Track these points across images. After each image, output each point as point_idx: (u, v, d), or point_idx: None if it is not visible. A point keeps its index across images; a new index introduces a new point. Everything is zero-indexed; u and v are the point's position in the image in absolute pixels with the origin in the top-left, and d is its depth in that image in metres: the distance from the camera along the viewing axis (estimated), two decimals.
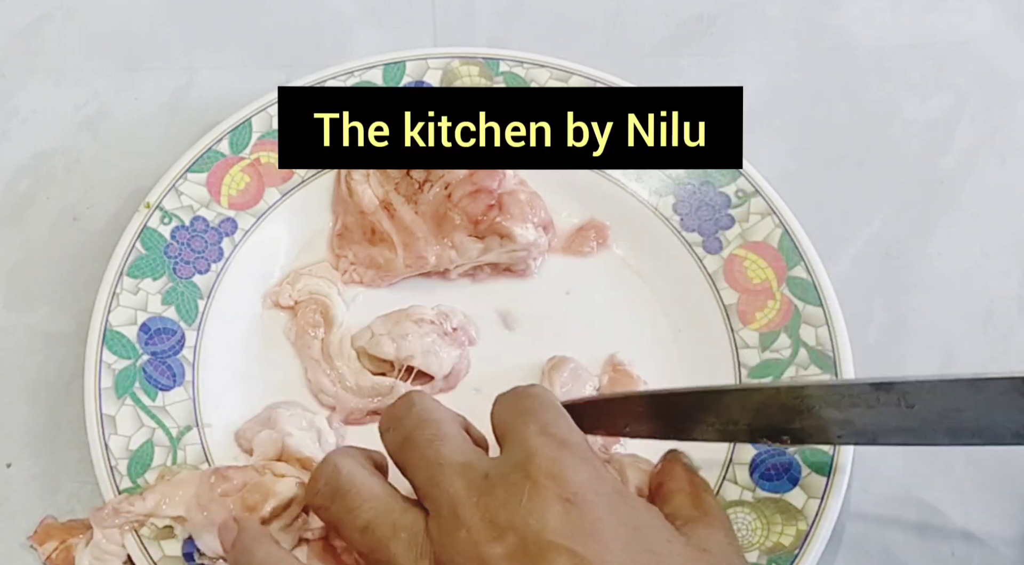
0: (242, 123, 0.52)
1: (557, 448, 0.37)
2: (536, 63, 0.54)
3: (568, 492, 0.36)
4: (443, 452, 0.38)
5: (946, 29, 0.61)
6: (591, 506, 0.36)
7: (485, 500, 0.36)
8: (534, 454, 0.37)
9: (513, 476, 0.37)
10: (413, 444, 0.39)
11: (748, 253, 0.50)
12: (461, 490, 0.37)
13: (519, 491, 0.36)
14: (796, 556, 0.43)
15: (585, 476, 0.37)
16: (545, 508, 0.35)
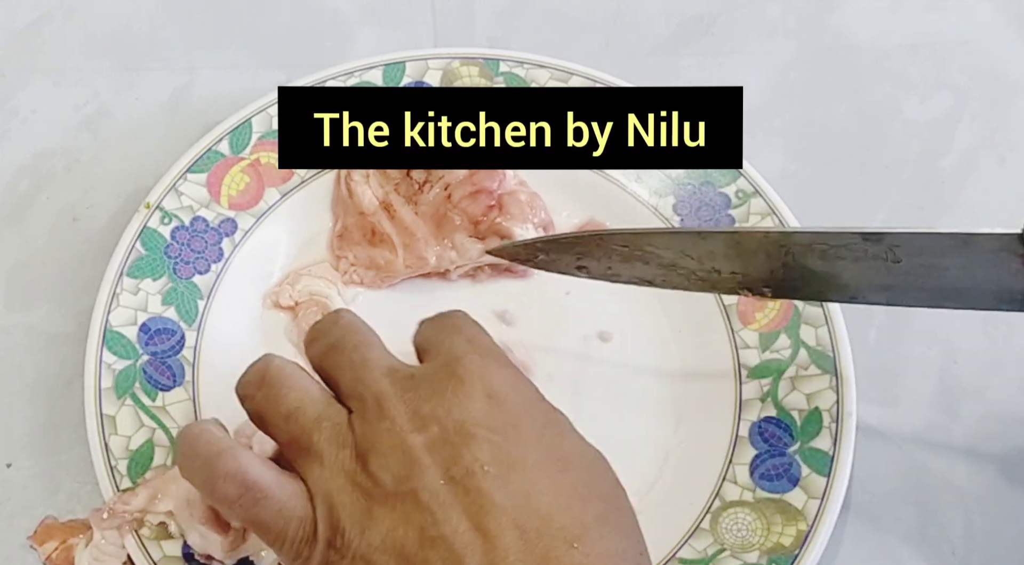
0: (242, 123, 0.52)
1: (481, 354, 0.39)
2: (536, 63, 0.54)
3: (491, 390, 0.37)
4: (369, 356, 0.39)
5: (946, 29, 0.61)
6: (510, 404, 0.37)
7: (410, 395, 0.37)
8: (460, 357, 0.38)
9: (439, 375, 0.38)
10: (339, 348, 0.40)
11: None
12: (387, 386, 0.37)
13: (444, 387, 0.37)
14: (796, 556, 0.43)
15: (506, 379, 0.38)
16: (468, 402, 0.37)
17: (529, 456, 0.36)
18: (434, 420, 0.36)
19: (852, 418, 0.45)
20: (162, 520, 0.43)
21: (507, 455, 0.36)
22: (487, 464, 0.35)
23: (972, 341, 0.51)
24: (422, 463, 0.35)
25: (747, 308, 0.49)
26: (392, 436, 0.36)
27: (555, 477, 0.36)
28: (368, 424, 0.37)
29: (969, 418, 0.49)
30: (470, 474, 0.35)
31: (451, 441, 0.36)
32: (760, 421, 0.47)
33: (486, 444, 0.36)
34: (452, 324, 0.41)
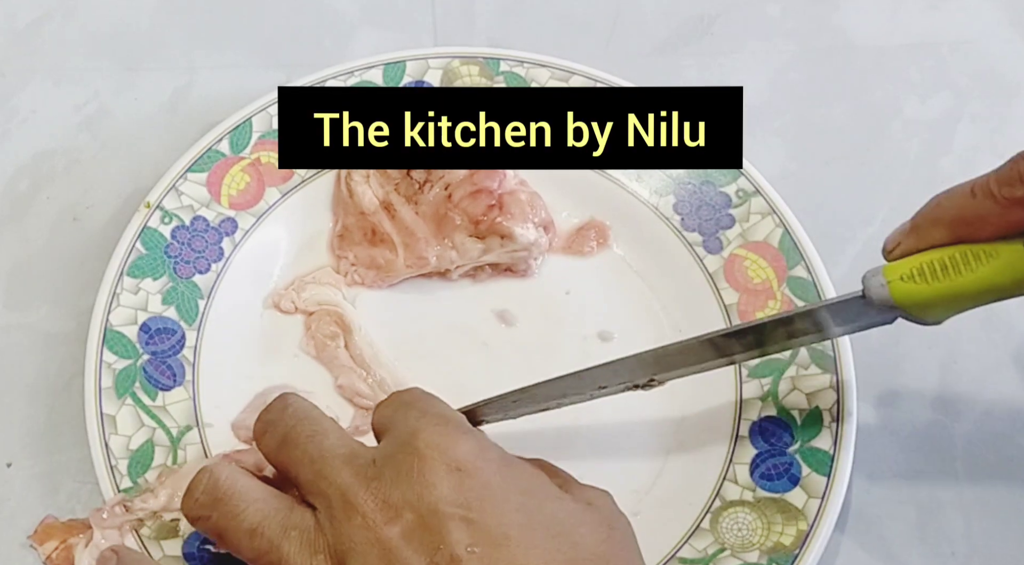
0: (242, 123, 0.52)
1: (438, 424, 0.37)
2: (536, 63, 0.54)
3: (456, 462, 0.36)
4: (325, 445, 0.38)
5: (946, 29, 0.61)
6: (480, 473, 0.36)
7: (376, 484, 0.36)
8: (417, 431, 0.37)
9: (400, 455, 0.36)
10: (293, 442, 0.38)
11: (748, 253, 0.50)
12: (349, 478, 0.36)
13: (408, 468, 0.36)
14: (796, 556, 0.43)
15: (470, 446, 0.37)
16: (436, 480, 0.35)
17: (512, 528, 0.35)
18: (406, 506, 0.35)
19: (852, 418, 0.45)
20: (175, 517, 0.43)
21: (489, 532, 0.34)
22: (471, 545, 0.34)
23: (972, 341, 0.51)
24: (403, 556, 0.34)
25: (747, 308, 0.49)
26: (366, 532, 0.35)
27: (543, 545, 0.35)
28: (338, 523, 0.36)
29: (969, 418, 0.49)
30: (456, 559, 0.34)
31: (428, 526, 0.34)
32: (760, 420, 0.47)
33: (464, 524, 0.34)
34: (404, 400, 0.40)
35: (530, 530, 0.35)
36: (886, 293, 0.40)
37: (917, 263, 0.40)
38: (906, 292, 0.39)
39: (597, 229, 0.52)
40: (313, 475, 0.37)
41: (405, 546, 0.34)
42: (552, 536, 0.35)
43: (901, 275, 0.40)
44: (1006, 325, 0.52)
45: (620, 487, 0.46)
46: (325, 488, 0.36)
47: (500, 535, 0.34)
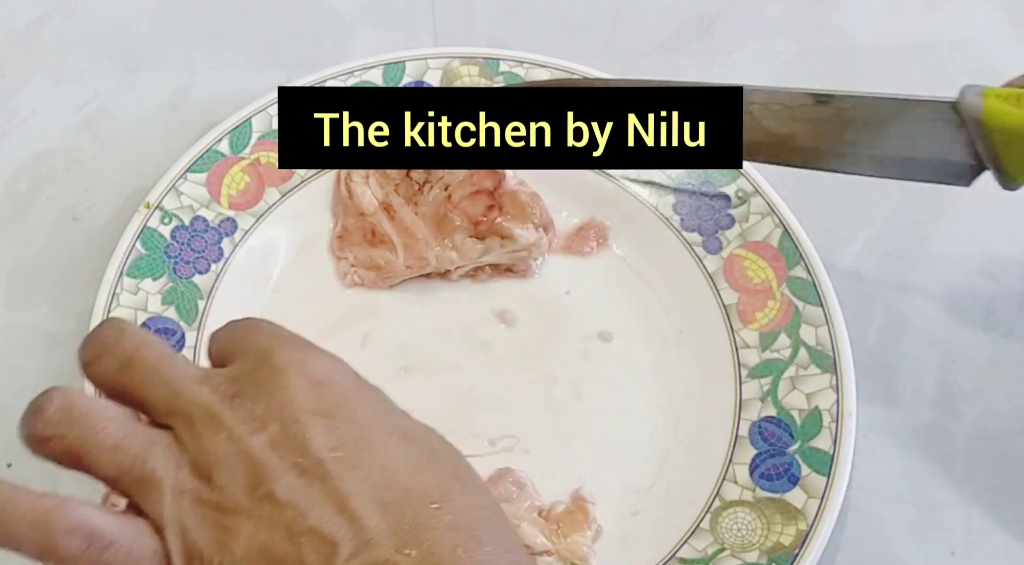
0: (242, 123, 0.52)
1: (291, 342, 0.38)
2: (536, 63, 0.54)
3: (314, 375, 0.36)
4: (176, 365, 0.37)
5: (946, 29, 0.61)
6: (337, 386, 0.37)
7: (238, 400, 0.36)
8: (272, 350, 0.37)
9: (258, 372, 0.36)
10: (139, 363, 0.37)
11: (748, 253, 0.50)
12: (209, 396, 0.36)
13: (268, 382, 0.36)
14: (796, 556, 0.43)
15: (325, 362, 0.37)
16: (296, 392, 0.36)
17: (372, 433, 0.36)
18: (269, 418, 0.35)
19: (852, 418, 0.45)
20: None
21: (351, 436, 0.35)
22: (334, 449, 0.34)
23: (972, 341, 0.51)
24: (270, 465, 0.34)
25: (747, 308, 0.49)
26: (231, 445, 0.35)
27: (402, 447, 0.36)
28: (201, 439, 0.35)
29: (969, 418, 0.49)
30: (320, 463, 0.34)
31: (292, 434, 0.35)
32: (760, 420, 0.47)
33: (327, 430, 0.35)
34: (248, 325, 0.40)
35: (387, 434, 0.36)
36: (979, 105, 0.39)
37: (1018, 91, 0.39)
38: (997, 111, 0.39)
39: (597, 229, 0.52)
40: (168, 395, 0.37)
41: (271, 454, 0.34)
42: (408, 440, 0.36)
43: (998, 95, 0.39)
44: (1006, 325, 0.52)
45: (620, 487, 0.46)
46: (184, 407, 0.36)
47: (360, 438, 0.35)
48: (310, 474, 0.34)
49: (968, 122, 0.39)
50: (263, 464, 0.35)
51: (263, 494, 0.34)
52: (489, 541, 0.34)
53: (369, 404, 0.37)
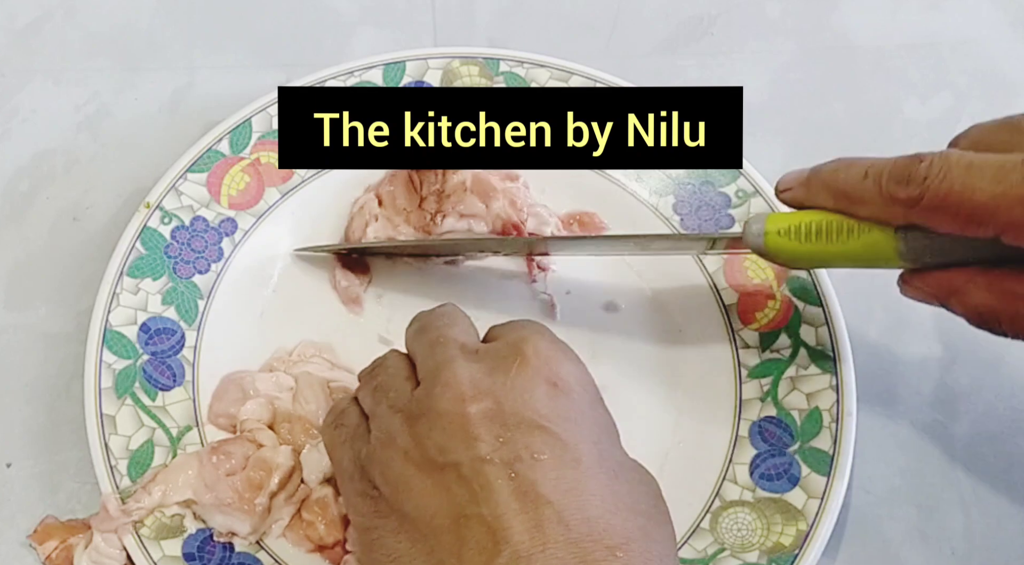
0: (242, 123, 0.52)
1: (550, 341, 0.39)
2: (536, 63, 0.54)
3: (555, 376, 0.37)
4: (448, 333, 0.39)
5: (946, 29, 0.61)
6: (574, 395, 0.37)
7: (473, 367, 0.37)
8: (528, 338, 0.38)
9: (504, 351, 0.38)
10: (426, 328, 0.40)
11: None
12: (453, 357, 0.38)
13: (508, 364, 0.37)
14: (796, 556, 0.43)
15: (573, 371, 0.38)
16: (531, 384, 0.36)
17: (584, 455, 0.35)
18: (490, 394, 0.36)
19: (852, 418, 0.45)
20: (176, 512, 0.43)
21: (562, 449, 0.35)
22: (540, 453, 0.35)
23: (972, 341, 0.51)
24: (471, 435, 0.35)
25: (747, 308, 0.49)
26: (445, 402, 0.36)
27: (606, 483, 0.35)
28: (426, 390, 0.37)
29: (969, 418, 0.49)
30: (519, 459, 0.34)
31: (506, 421, 0.35)
32: (760, 421, 0.47)
33: (542, 432, 0.35)
34: (523, 322, 0.41)
35: (599, 463, 0.36)
36: (761, 242, 0.43)
37: (796, 221, 0.42)
38: (779, 246, 0.42)
39: (580, 222, 0.52)
40: (427, 355, 0.39)
41: (477, 427, 0.35)
42: (616, 478, 0.36)
43: (779, 230, 0.42)
44: None
45: None
46: (430, 363, 0.38)
47: (571, 455, 0.35)
48: (504, 465, 0.34)
49: (755, 251, 0.43)
50: (464, 431, 0.35)
51: (450, 462, 0.35)
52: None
53: (594, 426, 0.37)
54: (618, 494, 0.35)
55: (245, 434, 0.46)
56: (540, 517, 0.33)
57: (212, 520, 0.43)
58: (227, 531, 0.43)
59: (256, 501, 0.43)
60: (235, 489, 0.43)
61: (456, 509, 0.34)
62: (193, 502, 0.43)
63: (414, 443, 0.36)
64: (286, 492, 0.44)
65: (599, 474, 0.35)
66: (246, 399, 0.46)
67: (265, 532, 0.44)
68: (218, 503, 0.43)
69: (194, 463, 0.44)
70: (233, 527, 0.43)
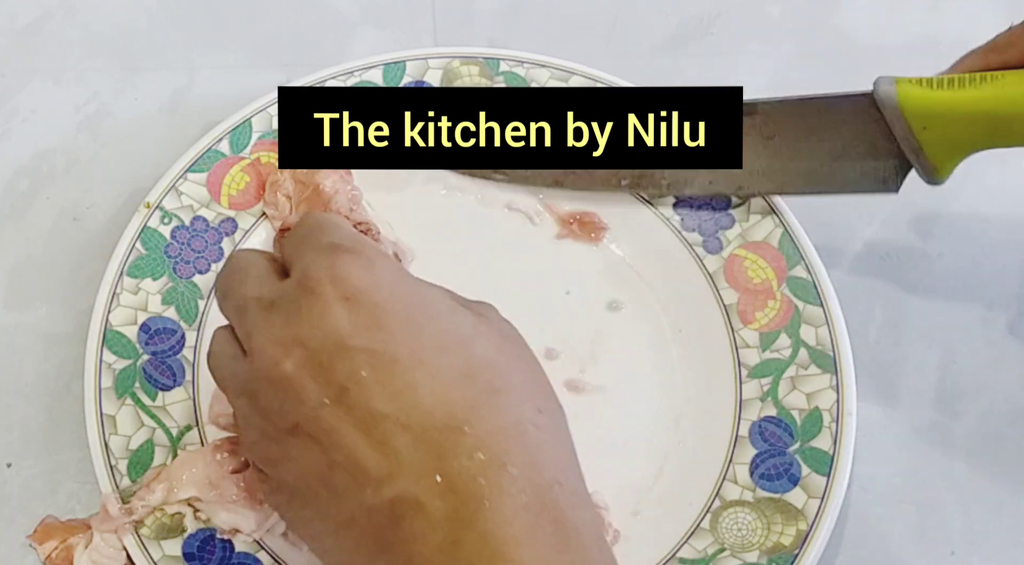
0: (242, 123, 0.52)
1: (330, 255, 0.37)
2: (536, 63, 0.54)
3: (345, 292, 0.36)
4: (244, 291, 0.38)
5: (946, 29, 0.61)
6: (368, 300, 0.36)
7: (271, 321, 0.36)
8: (308, 267, 0.37)
9: (293, 293, 0.37)
10: (227, 294, 0.39)
11: (748, 253, 0.50)
12: (255, 321, 0.37)
13: (299, 305, 0.36)
14: (796, 556, 0.43)
15: (360, 272, 0.37)
16: (325, 313, 0.36)
17: (400, 350, 0.35)
18: (295, 343, 0.35)
19: (852, 418, 0.45)
20: (176, 511, 0.44)
21: (377, 357, 0.35)
22: (358, 373, 0.35)
23: (972, 341, 0.51)
24: (299, 389, 0.35)
25: (747, 308, 0.49)
26: (266, 370, 0.36)
27: (432, 363, 0.35)
28: (248, 364, 0.37)
29: (969, 418, 0.49)
30: (345, 390, 0.34)
31: (319, 360, 0.35)
32: (760, 420, 0.47)
33: (353, 353, 0.35)
34: (303, 234, 0.40)
35: (418, 348, 0.35)
36: (893, 92, 0.42)
37: (928, 77, 0.42)
38: (909, 94, 0.42)
39: (580, 221, 0.52)
40: (237, 320, 0.38)
41: (300, 378, 0.35)
42: (442, 351, 0.36)
43: (910, 81, 0.42)
44: (1006, 325, 0.52)
45: (620, 487, 0.46)
46: (241, 333, 0.38)
47: (388, 359, 0.35)
48: (338, 402, 0.35)
49: (885, 110, 0.42)
50: (292, 389, 0.35)
51: (295, 422, 0.35)
52: (517, 462, 0.34)
53: (404, 314, 0.36)
54: (451, 365, 0.35)
55: None
56: (384, 435, 0.34)
57: (217, 517, 0.43)
58: (231, 528, 0.43)
59: (261, 498, 0.43)
60: (240, 486, 0.43)
61: (318, 465, 0.35)
62: (197, 499, 0.44)
63: (263, 419, 0.36)
64: None
65: (422, 359, 0.35)
66: None
67: (269, 529, 0.44)
68: (223, 500, 0.43)
69: (198, 461, 0.44)
70: (238, 524, 0.43)
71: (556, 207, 0.53)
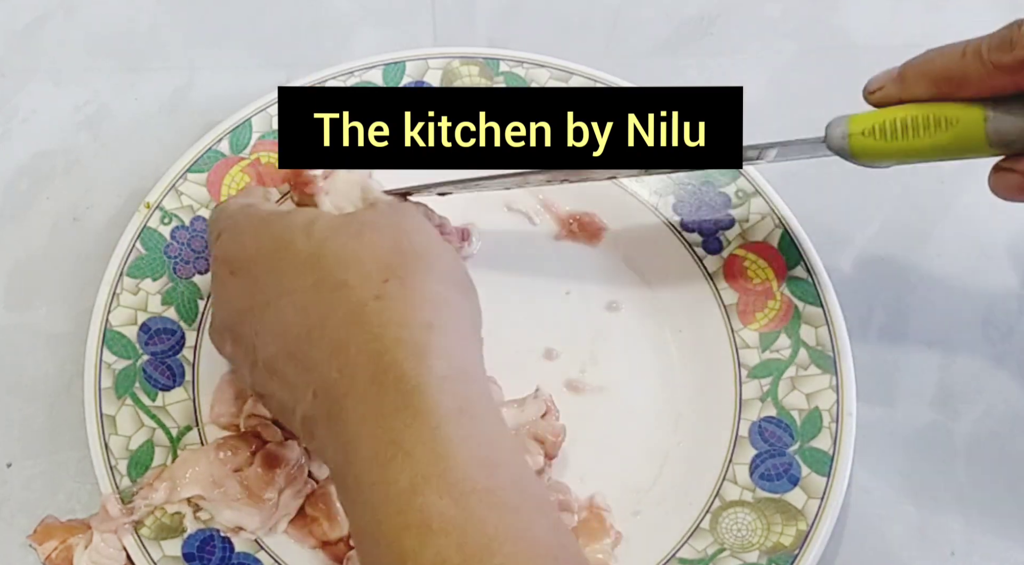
0: (242, 123, 0.52)
1: (225, 231, 0.43)
2: (536, 63, 0.54)
3: (231, 266, 0.42)
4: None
5: (946, 29, 0.61)
6: (245, 268, 0.41)
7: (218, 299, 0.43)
8: (212, 248, 0.44)
9: (215, 269, 0.43)
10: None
11: (748, 253, 0.50)
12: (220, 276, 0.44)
13: (215, 285, 0.43)
14: (796, 556, 0.43)
15: (229, 237, 0.43)
16: (223, 290, 0.42)
17: (270, 300, 0.40)
18: (223, 325, 0.43)
19: (852, 418, 0.45)
20: (176, 511, 0.44)
21: (257, 315, 0.40)
22: (255, 335, 0.40)
23: (972, 341, 0.51)
24: (232, 357, 0.42)
25: (747, 308, 0.49)
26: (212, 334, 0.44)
27: (349, 246, 0.40)
28: None
29: (969, 418, 0.49)
30: (253, 348, 0.40)
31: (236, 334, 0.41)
32: (760, 421, 0.47)
33: (243, 319, 0.41)
34: (219, 216, 0.45)
35: (286, 294, 0.40)
36: (846, 144, 0.43)
37: (880, 120, 0.42)
38: (864, 146, 0.42)
39: (580, 222, 0.52)
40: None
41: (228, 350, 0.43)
42: (357, 235, 0.41)
43: (863, 130, 0.43)
44: (1006, 325, 0.52)
45: (620, 487, 0.46)
46: None
47: (262, 310, 0.40)
48: (256, 367, 0.40)
49: (838, 154, 0.44)
50: (229, 355, 0.43)
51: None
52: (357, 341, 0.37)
53: (271, 267, 0.40)
54: (363, 245, 0.39)
55: (250, 429, 0.46)
56: (339, 350, 0.37)
57: (220, 515, 0.43)
58: (235, 526, 0.43)
59: (266, 496, 0.43)
60: (244, 485, 0.43)
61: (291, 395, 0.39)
62: (200, 498, 0.44)
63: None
64: (293, 487, 0.44)
65: (291, 300, 0.39)
66: (246, 396, 0.46)
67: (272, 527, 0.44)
68: (226, 498, 0.43)
69: (201, 459, 0.44)
70: (242, 522, 0.43)
71: (556, 207, 0.53)
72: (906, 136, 0.41)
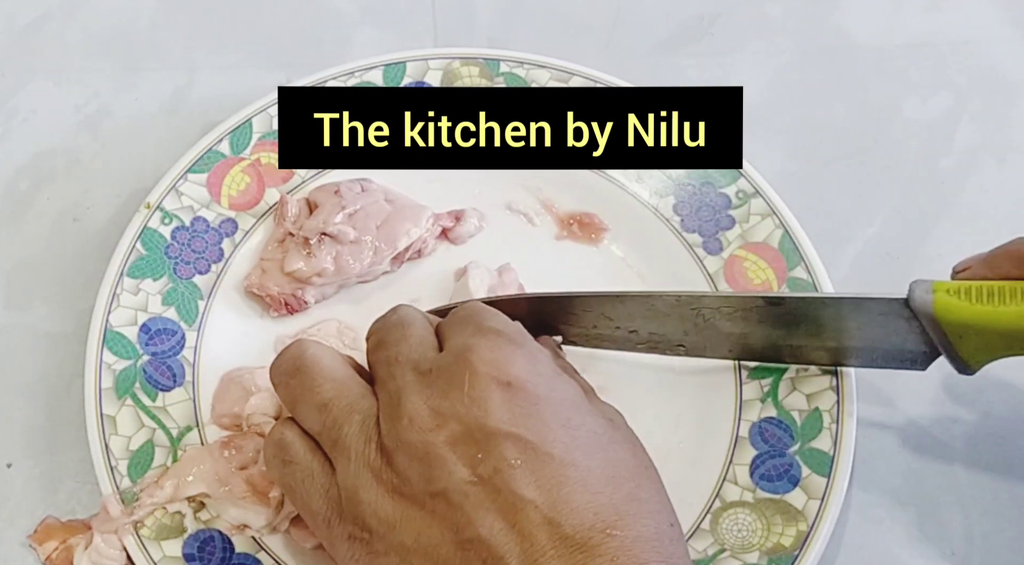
0: (242, 123, 0.52)
1: (493, 338, 0.39)
2: (536, 63, 0.54)
3: (507, 377, 0.37)
4: (402, 349, 0.39)
5: (946, 29, 0.61)
6: (528, 389, 0.37)
7: (428, 392, 0.37)
8: (472, 347, 0.38)
9: (453, 367, 0.38)
10: (382, 344, 0.40)
11: (748, 254, 0.50)
12: (408, 381, 0.38)
13: (460, 380, 0.37)
14: (796, 557, 0.43)
15: (521, 362, 0.38)
16: (486, 395, 0.36)
17: (555, 445, 0.36)
18: (453, 417, 0.36)
19: (852, 418, 0.45)
20: (177, 510, 0.44)
21: (533, 448, 0.35)
22: (515, 459, 0.35)
23: None
24: (447, 462, 0.35)
25: None
26: (412, 434, 0.36)
27: (583, 463, 0.36)
28: (390, 421, 0.37)
29: (969, 418, 0.49)
30: (498, 471, 0.35)
31: (474, 438, 0.36)
32: (760, 421, 0.47)
33: (510, 440, 0.35)
34: (461, 317, 0.41)
35: (571, 446, 0.36)
36: (929, 302, 0.40)
37: (967, 285, 0.40)
38: (949, 306, 0.40)
39: (580, 222, 0.52)
40: (387, 373, 0.39)
41: (449, 453, 0.36)
42: (591, 452, 0.36)
43: (948, 290, 0.40)
44: None
45: None
46: (389, 386, 0.38)
47: (542, 451, 0.35)
48: (485, 482, 0.35)
49: (920, 317, 0.41)
50: (440, 461, 0.36)
51: (437, 491, 0.35)
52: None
53: (558, 407, 0.37)
54: (598, 468, 0.36)
55: (253, 428, 0.46)
56: (529, 524, 0.34)
57: (226, 514, 0.44)
58: (240, 524, 0.44)
59: (271, 494, 0.43)
60: (249, 483, 0.43)
61: (456, 535, 0.35)
62: (206, 496, 0.44)
63: (399, 478, 0.36)
64: None
65: (575, 458, 0.36)
66: (248, 396, 0.46)
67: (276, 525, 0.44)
68: (232, 497, 0.43)
69: (206, 458, 0.44)
70: (247, 520, 0.43)
71: (556, 208, 0.53)
72: (991, 300, 0.40)
